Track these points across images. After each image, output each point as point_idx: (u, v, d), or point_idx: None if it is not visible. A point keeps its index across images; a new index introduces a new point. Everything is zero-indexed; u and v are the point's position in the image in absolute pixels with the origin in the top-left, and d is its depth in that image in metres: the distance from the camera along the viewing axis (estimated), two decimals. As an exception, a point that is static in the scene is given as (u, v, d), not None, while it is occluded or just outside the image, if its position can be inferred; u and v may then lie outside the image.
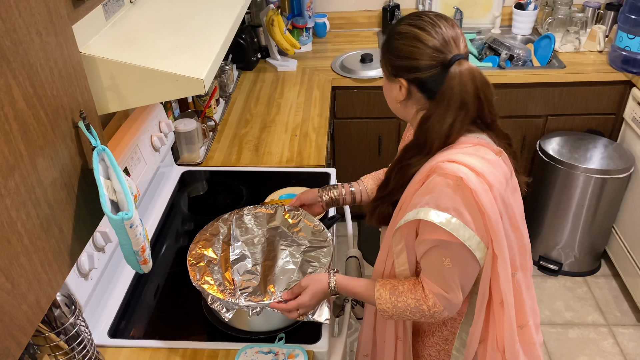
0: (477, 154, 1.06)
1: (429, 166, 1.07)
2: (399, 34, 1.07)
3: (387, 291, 1.14)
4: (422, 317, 1.13)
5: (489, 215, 1.03)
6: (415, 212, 1.05)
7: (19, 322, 0.68)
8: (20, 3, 0.69)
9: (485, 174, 1.03)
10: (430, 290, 1.10)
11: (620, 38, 2.38)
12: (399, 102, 1.13)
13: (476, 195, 1.01)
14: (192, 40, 1.06)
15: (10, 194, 0.67)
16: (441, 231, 1.03)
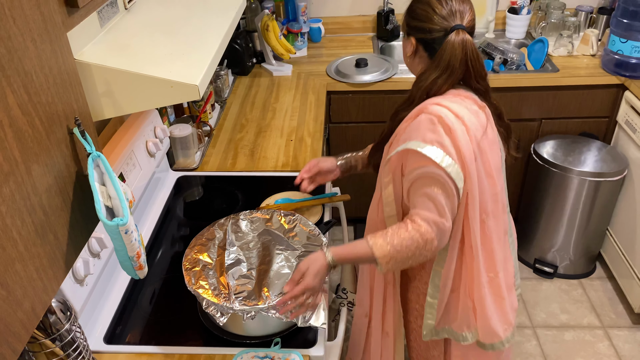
0: (462, 103, 1.22)
1: (418, 108, 1.24)
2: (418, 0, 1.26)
3: (380, 238, 1.21)
4: (417, 249, 1.18)
5: (464, 153, 1.18)
6: (405, 145, 1.20)
7: (14, 328, 0.68)
8: (15, 10, 0.69)
9: (463, 118, 1.19)
10: (421, 219, 1.19)
11: (612, 42, 2.40)
12: (408, 56, 1.32)
13: (454, 133, 1.17)
14: (186, 46, 1.07)
15: (5, 201, 0.67)
16: (427, 159, 1.16)
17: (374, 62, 2.61)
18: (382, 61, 2.63)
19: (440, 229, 1.18)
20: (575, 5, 2.87)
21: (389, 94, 2.51)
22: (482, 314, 1.32)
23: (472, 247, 1.26)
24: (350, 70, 2.56)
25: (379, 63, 2.61)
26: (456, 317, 1.35)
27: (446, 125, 1.17)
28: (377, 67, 2.57)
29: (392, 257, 1.19)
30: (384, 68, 2.55)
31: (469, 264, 1.29)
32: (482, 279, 1.29)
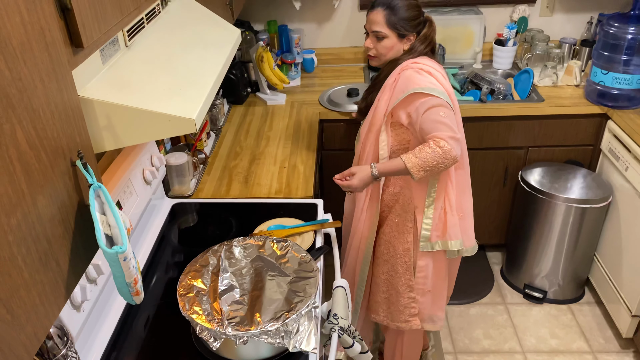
0: (431, 63, 1.75)
1: (400, 68, 1.74)
2: (407, 5, 1.73)
3: (410, 154, 1.65)
4: (439, 158, 1.61)
5: (445, 87, 1.69)
6: (406, 93, 1.66)
7: (17, 352, 0.72)
8: (26, 53, 0.75)
9: (434, 68, 1.73)
10: (438, 137, 1.61)
11: (594, 73, 2.49)
12: (405, 50, 1.77)
13: (434, 75, 1.69)
14: (184, 81, 1.13)
15: (13, 231, 0.71)
16: (427, 95, 1.63)
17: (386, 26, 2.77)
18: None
19: (455, 140, 1.62)
20: (559, 37, 2.97)
21: (379, 122, 2.57)
22: (466, 227, 1.86)
23: (462, 164, 1.79)
24: (342, 100, 2.63)
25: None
26: (445, 232, 1.81)
27: (428, 72, 1.69)
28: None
29: (421, 167, 1.63)
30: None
31: (456, 182, 1.79)
32: (468, 194, 1.85)
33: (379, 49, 1.77)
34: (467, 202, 1.87)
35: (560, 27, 2.99)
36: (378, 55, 1.79)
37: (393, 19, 1.72)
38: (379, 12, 1.73)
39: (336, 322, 1.48)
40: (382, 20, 1.73)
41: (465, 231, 1.86)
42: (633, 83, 2.40)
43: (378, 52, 1.78)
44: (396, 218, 1.88)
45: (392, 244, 1.91)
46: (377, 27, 1.74)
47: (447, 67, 3.00)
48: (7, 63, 0.70)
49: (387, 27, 1.73)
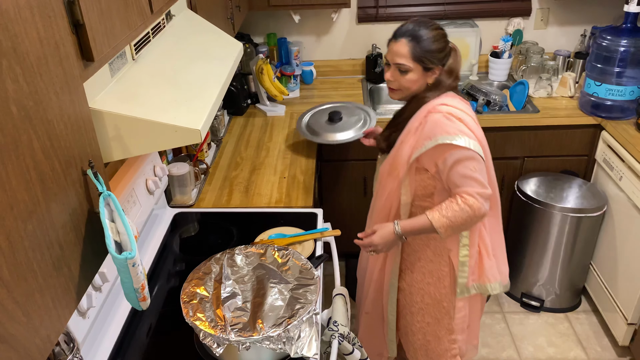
0: (458, 102, 1.61)
1: (425, 110, 1.58)
2: (435, 37, 1.58)
3: (436, 212, 1.55)
4: (468, 217, 1.52)
5: (476, 133, 1.56)
6: (434, 141, 1.53)
7: (31, 353, 0.75)
8: (42, 67, 0.78)
9: (465, 110, 1.59)
10: (467, 194, 1.52)
11: (588, 85, 2.54)
12: (430, 82, 1.62)
13: (464, 121, 1.54)
14: (189, 94, 1.16)
15: (29, 236, 0.74)
16: (457, 147, 1.50)
17: (350, 113, 2.40)
18: (359, 111, 2.43)
19: (483, 197, 1.53)
20: (553, 49, 3.03)
21: (378, 133, 2.61)
22: (501, 266, 1.74)
23: (494, 208, 1.69)
24: (322, 127, 2.34)
25: (355, 114, 2.40)
26: (482, 274, 1.72)
27: (458, 118, 1.53)
28: (353, 120, 2.35)
29: (449, 226, 1.53)
30: (360, 122, 2.33)
31: (489, 226, 1.70)
32: (500, 234, 1.75)
33: (402, 82, 1.62)
34: (500, 241, 1.78)
35: (554, 40, 3.05)
36: (400, 89, 1.64)
37: (418, 51, 1.56)
38: (404, 44, 1.58)
39: (336, 329, 1.51)
40: (406, 52, 1.57)
41: (501, 271, 1.77)
42: (626, 94, 2.45)
43: (401, 86, 1.63)
44: (429, 264, 1.76)
45: (427, 292, 1.78)
46: (400, 60, 1.58)
47: (443, 78, 3.05)
48: (25, 77, 0.74)
49: (412, 60, 1.57)
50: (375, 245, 1.62)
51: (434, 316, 1.79)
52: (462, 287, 1.72)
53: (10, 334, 0.69)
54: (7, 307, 0.69)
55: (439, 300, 1.76)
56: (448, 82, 1.62)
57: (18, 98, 0.72)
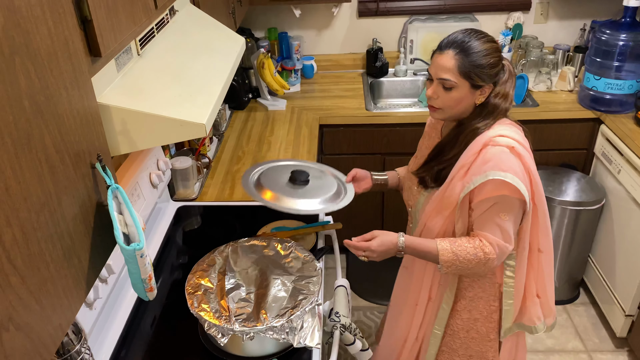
0: (515, 130, 1.43)
1: (482, 141, 1.38)
2: (487, 50, 1.37)
3: (447, 242, 1.41)
4: (477, 263, 1.39)
5: (533, 173, 1.38)
6: (484, 176, 1.35)
7: (45, 341, 0.77)
8: (52, 63, 0.80)
9: (525, 144, 1.41)
10: (488, 240, 1.38)
11: (587, 79, 2.56)
12: (479, 103, 1.41)
13: (524, 159, 1.37)
14: (193, 88, 1.18)
15: (41, 228, 0.77)
16: (505, 187, 1.33)
17: (319, 177, 1.70)
18: (332, 180, 1.71)
19: (502, 251, 1.40)
20: (553, 44, 3.04)
21: (379, 127, 2.64)
22: (547, 307, 1.56)
23: (541, 250, 1.48)
24: (277, 186, 1.62)
25: (326, 181, 1.70)
26: (525, 314, 1.55)
27: (517, 154, 1.36)
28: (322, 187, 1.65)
29: (453, 264, 1.40)
30: (331, 193, 1.62)
31: (536, 265, 1.50)
32: (550, 274, 1.53)
33: (445, 100, 1.40)
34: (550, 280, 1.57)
35: (554, 34, 3.06)
36: (443, 108, 1.41)
37: (467, 65, 1.35)
38: (450, 56, 1.36)
39: (338, 320, 1.53)
40: (453, 66, 1.36)
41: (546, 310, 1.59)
42: (625, 88, 2.47)
43: (444, 104, 1.40)
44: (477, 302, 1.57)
45: (473, 327, 1.60)
46: (445, 75, 1.37)
47: (443, 73, 3.07)
48: (37, 72, 0.76)
49: (459, 76, 1.36)
50: (373, 251, 1.43)
51: (479, 350, 1.63)
52: (505, 330, 1.58)
53: (25, 322, 0.72)
54: (22, 295, 0.71)
55: (485, 334, 1.60)
56: (504, 107, 1.41)
57: (30, 93, 0.74)
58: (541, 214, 1.43)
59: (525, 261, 1.47)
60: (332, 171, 1.79)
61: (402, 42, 3.09)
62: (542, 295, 1.53)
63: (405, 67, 3.07)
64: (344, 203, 1.61)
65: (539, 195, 1.41)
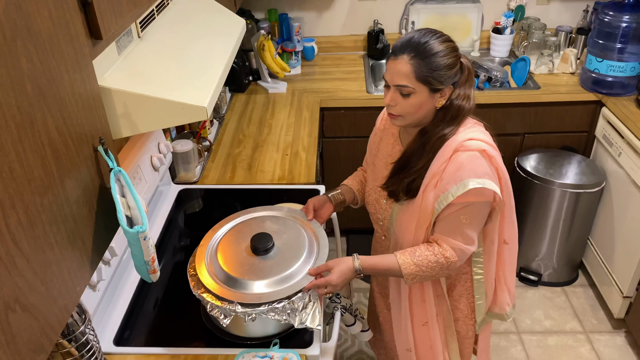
0: (480, 130, 1.38)
1: (452, 147, 1.33)
2: (444, 51, 1.28)
3: (408, 256, 1.37)
4: (441, 269, 1.37)
5: (503, 172, 1.36)
6: (461, 185, 1.29)
7: (51, 321, 0.78)
8: (54, 46, 0.80)
9: (493, 144, 1.36)
10: (447, 245, 1.36)
11: (589, 61, 2.55)
12: (440, 106, 1.34)
13: (495, 160, 1.34)
14: (194, 71, 1.18)
15: (45, 211, 0.77)
16: (473, 194, 1.29)
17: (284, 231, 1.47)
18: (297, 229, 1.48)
19: (464, 254, 1.37)
20: (555, 25, 3.02)
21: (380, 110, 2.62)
22: (512, 292, 1.58)
23: (507, 242, 1.49)
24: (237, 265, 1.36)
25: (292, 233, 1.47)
26: (496, 304, 1.58)
27: (488, 156, 1.32)
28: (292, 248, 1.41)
29: (417, 275, 1.36)
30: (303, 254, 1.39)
31: (502, 257, 1.51)
32: (514, 263, 1.54)
33: (405, 107, 1.32)
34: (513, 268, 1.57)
35: (556, 16, 3.04)
36: (403, 115, 1.34)
37: (424, 69, 1.27)
38: (405, 61, 1.27)
39: (339, 301, 1.55)
40: (409, 71, 1.27)
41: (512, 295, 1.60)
42: (627, 71, 2.46)
43: (403, 111, 1.33)
44: (457, 302, 1.58)
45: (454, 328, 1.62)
46: (402, 81, 1.29)
47: (445, 55, 3.05)
48: (39, 55, 0.76)
49: (415, 81, 1.28)
50: (334, 285, 1.33)
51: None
52: (479, 322, 1.60)
53: (31, 304, 0.73)
54: (28, 277, 0.72)
55: (465, 333, 1.61)
56: (467, 108, 1.35)
57: (32, 76, 0.74)
58: (508, 209, 1.43)
59: (494, 255, 1.47)
60: (291, 213, 1.57)
61: (404, 23, 3.06)
62: (509, 284, 1.55)
63: (407, 49, 3.04)
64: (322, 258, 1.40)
65: (507, 192, 1.40)
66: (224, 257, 1.40)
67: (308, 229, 1.50)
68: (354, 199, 1.67)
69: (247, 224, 1.53)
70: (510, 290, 1.56)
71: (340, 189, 1.66)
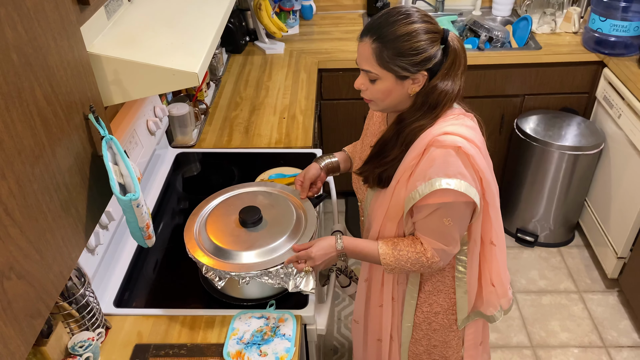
0: (463, 123, 1.22)
1: (425, 141, 1.21)
2: (407, 35, 1.15)
3: (390, 247, 1.31)
4: (421, 267, 1.31)
5: (483, 172, 1.22)
6: (429, 184, 1.19)
7: (47, 287, 0.80)
8: (39, 14, 0.79)
9: (474, 140, 1.21)
10: (429, 246, 1.28)
11: (592, 20, 2.50)
12: (413, 93, 1.21)
13: (473, 158, 1.20)
14: (186, 36, 1.17)
15: (37, 180, 0.78)
16: (450, 194, 1.18)
17: (274, 206, 1.49)
18: (286, 203, 1.51)
19: (446, 254, 1.30)
20: (559, -17, 2.94)
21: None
22: (502, 291, 1.44)
23: (494, 243, 1.36)
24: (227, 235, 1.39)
25: (278, 209, 1.49)
26: (482, 303, 1.46)
27: (464, 155, 1.19)
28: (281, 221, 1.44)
29: (395, 267, 1.31)
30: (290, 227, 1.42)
31: (490, 257, 1.39)
32: (502, 264, 1.41)
33: (373, 93, 1.23)
34: (504, 267, 1.45)
35: (561, -28, 2.96)
36: (374, 100, 1.25)
37: (385, 55, 1.16)
38: (367, 45, 1.18)
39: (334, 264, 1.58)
40: (370, 56, 1.18)
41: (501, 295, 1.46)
42: (630, 30, 2.41)
43: (373, 97, 1.24)
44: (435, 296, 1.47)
45: (434, 320, 1.50)
46: (365, 66, 1.20)
47: (445, 14, 2.99)
48: (23, 24, 0.75)
49: (378, 67, 1.18)
50: (313, 258, 1.31)
51: (442, 340, 1.54)
52: (461, 320, 1.50)
53: (26, 271, 0.75)
54: (21, 245, 0.74)
55: (448, 326, 1.51)
56: (449, 97, 1.21)
57: (18, 45, 0.74)
58: (492, 210, 1.30)
59: (477, 255, 1.38)
60: (284, 190, 1.58)
61: (404, -19, 2.99)
62: (497, 284, 1.42)
63: (407, 8, 2.98)
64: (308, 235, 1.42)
65: (490, 193, 1.27)
66: (212, 228, 1.42)
67: (298, 207, 1.50)
68: (351, 167, 1.63)
69: (239, 197, 1.54)
70: (499, 292, 1.43)
71: (336, 156, 1.61)
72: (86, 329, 1.30)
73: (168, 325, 1.38)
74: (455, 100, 1.23)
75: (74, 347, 1.25)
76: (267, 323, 1.35)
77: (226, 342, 1.31)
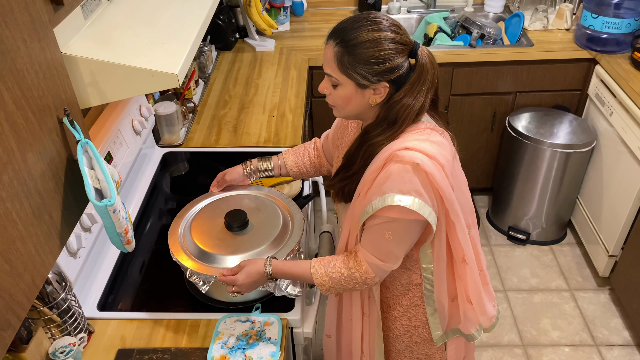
0: (428, 138, 1.16)
1: (385, 155, 1.15)
2: (371, 41, 1.09)
3: (322, 266, 1.26)
4: (356, 284, 1.25)
5: (443, 191, 1.15)
6: (382, 200, 1.14)
7: (17, 298, 0.78)
8: (6, 15, 0.77)
9: (437, 157, 1.14)
10: (364, 259, 1.22)
11: (585, 17, 2.48)
12: (375, 104, 1.17)
13: (432, 177, 1.12)
14: (166, 35, 1.14)
15: (5, 187, 0.76)
16: (397, 210, 1.13)
17: (260, 209, 1.49)
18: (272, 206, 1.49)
19: (381, 270, 1.23)
20: (552, -21, 2.92)
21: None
22: (481, 309, 1.37)
23: (466, 262, 1.29)
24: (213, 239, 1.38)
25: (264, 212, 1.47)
26: (460, 321, 1.40)
27: (423, 172, 1.12)
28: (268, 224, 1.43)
29: (330, 287, 1.26)
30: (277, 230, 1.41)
31: (463, 275, 1.32)
32: (478, 282, 1.34)
33: (335, 98, 1.19)
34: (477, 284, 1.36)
35: (553, -32, 2.93)
36: (335, 106, 1.21)
37: (345, 60, 1.11)
38: (330, 49, 1.14)
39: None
40: (332, 60, 1.13)
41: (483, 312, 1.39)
42: (622, 27, 2.39)
43: (334, 102, 1.20)
44: (413, 309, 1.42)
45: (415, 333, 1.45)
46: (327, 69, 1.16)
47: (437, 10, 2.97)
48: (-11, 26, 0.72)
49: (339, 72, 1.13)
50: (240, 285, 1.26)
51: (425, 352, 1.49)
52: (437, 338, 1.44)
53: (-7, 282, 0.72)
54: (-11, 256, 0.72)
55: (429, 339, 1.45)
56: (412, 112, 1.15)
57: (-18, 49, 0.71)
58: (460, 230, 1.24)
59: (444, 274, 1.32)
60: (271, 193, 1.56)
61: (396, -23, 2.96)
62: (475, 302, 1.36)
63: (399, 4, 2.96)
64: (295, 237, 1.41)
65: (455, 212, 1.20)
66: (197, 231, 1.40)
67: (285, 211, 1.48)
68: (279, 174, 1.57)
69: (225, 200, 1.51)
70: (477, 310, 1.37)
71: (272, 160, 1.55)
72: (68, 334, 1.28)
73: (152, 329, 1.36)
74: (415, 117, 1.17)
75: (55, 353, 1.23)
76: (252, 327, 1.33)
77: (210, 347, 1.29)
